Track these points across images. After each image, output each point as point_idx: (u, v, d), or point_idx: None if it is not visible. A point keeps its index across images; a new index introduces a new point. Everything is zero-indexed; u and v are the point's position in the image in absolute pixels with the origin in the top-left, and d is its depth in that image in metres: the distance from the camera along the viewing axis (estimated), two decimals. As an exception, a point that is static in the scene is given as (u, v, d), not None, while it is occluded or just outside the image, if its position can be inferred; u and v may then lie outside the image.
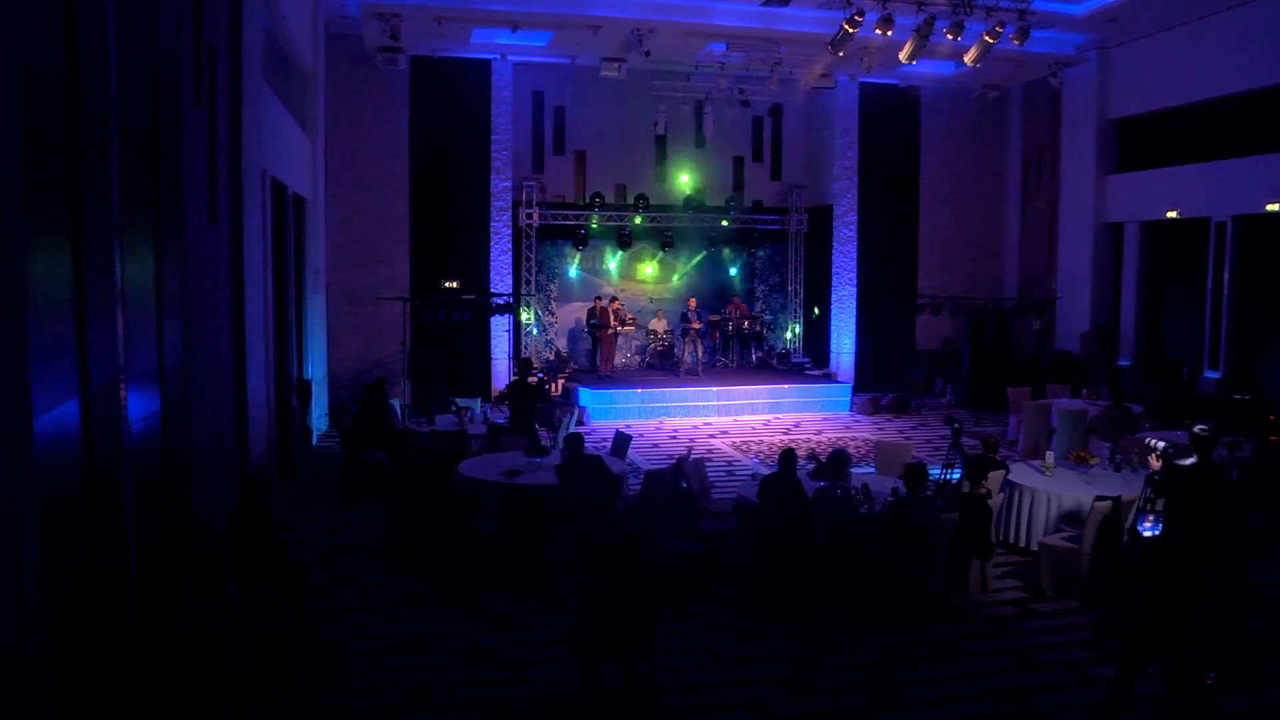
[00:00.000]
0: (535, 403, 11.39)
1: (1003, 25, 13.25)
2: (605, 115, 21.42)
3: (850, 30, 12.70)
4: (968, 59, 14.11)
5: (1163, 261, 18.82)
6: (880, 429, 17.09)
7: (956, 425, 10.20)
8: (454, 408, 12.77)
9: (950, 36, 13.05)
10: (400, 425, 12.75)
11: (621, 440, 11.11)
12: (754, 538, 8.24)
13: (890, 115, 21.64)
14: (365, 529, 10.37)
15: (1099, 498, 8.60)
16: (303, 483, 12.41)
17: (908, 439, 16.14)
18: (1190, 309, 18.04)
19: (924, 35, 12.98)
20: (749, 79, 19.34)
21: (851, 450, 15.05)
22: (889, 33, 12.64)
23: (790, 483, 8.16)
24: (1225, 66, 16.62)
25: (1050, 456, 10.01)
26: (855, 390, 20.35)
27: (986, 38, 13.40)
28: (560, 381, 20.04)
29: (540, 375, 11.39)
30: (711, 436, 16.34)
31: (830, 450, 8.39)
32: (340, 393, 18.76)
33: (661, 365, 21.04)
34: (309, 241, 15.45)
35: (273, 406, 10.43)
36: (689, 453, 10.25)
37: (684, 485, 9.71)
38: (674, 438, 16.15)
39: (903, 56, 13.55)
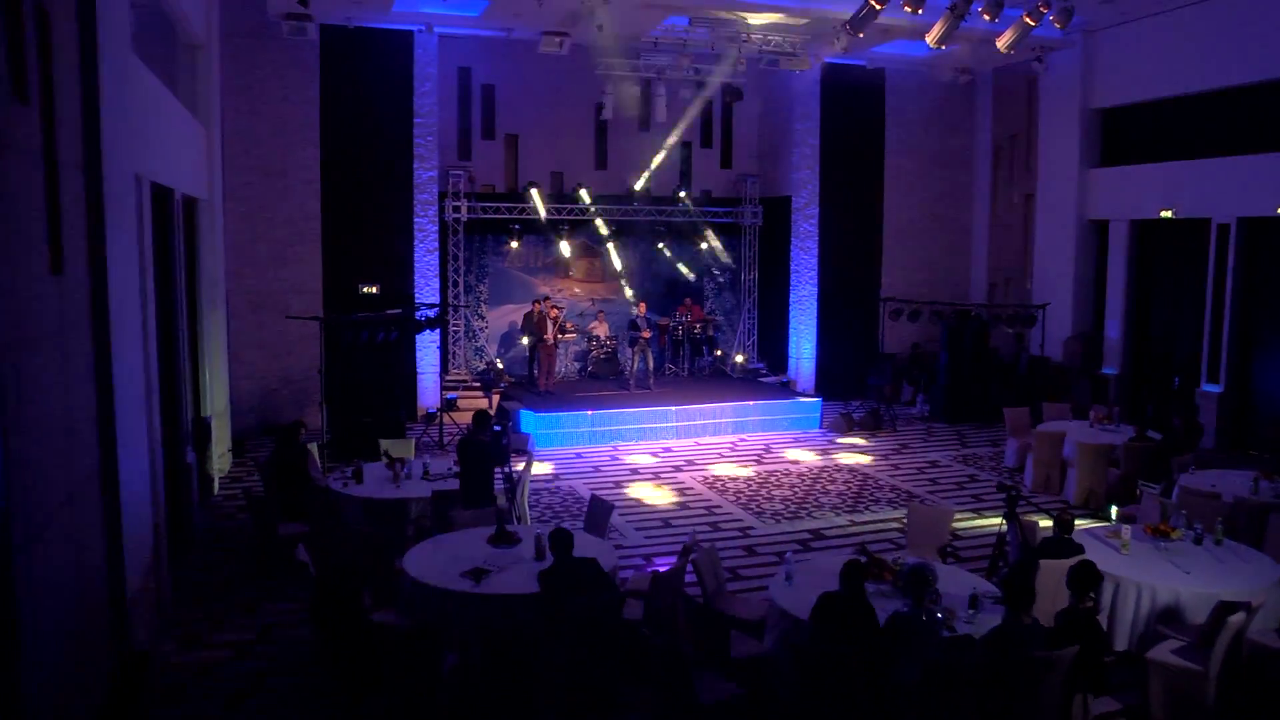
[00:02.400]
0: (494, 467, 9.21)
1: (1047, 5, 11.44)
2: (540, 95, 19.19)
3: (877, 7, 10.74)
4: (1001, 43, 12.30)
5: (1154, 263, 17.43)
6: (863, 453, 15.31)
7: (1012, 491, 8.40)
8: (385, 458, 10.50)
9: (987, 17, 11.19)
10: (321, 480, 10.44)
11: (600, 510, 9.03)
12: (812, 677, 6.28)
13: (854, 99, 19.83)
14: (287, 640, 8.11)
15: (1224, 605, 6.88)
16: (202, 560, 10.02)
17: (896, 467, 14.41)
18: (1184, 316, 16.70)
19: (959, 15, 11.11)
20: (704, 58, 17.33)
21: (838, 485, 13.27)
22: (920, 11, 10.72)
23: (859, 609, 6.22)
24: (1228, 55, 15.16)
25: (1126, 531, 8.28)
26: (816, 397, 18.63)
27: (1027, 19, 11.61)
28: (495, 398, 17.84)
29: (497, 429, 9.17)
30: (677, 469, 14.36)
31: (908, 569, 6.51)
32: (244, 416, 16.28)
33: (604, 375, 18.97)
34: (204, 249, 12.95)
35: (160, 483, 8.06)
36: (694, 539, 8.24)
37: (687, 586, 7.71)
38: (636, 474, 14.10)
39: (931, 39, 11.66)
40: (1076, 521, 9.37)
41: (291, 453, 9.92)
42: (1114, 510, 11.68)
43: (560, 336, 17.77)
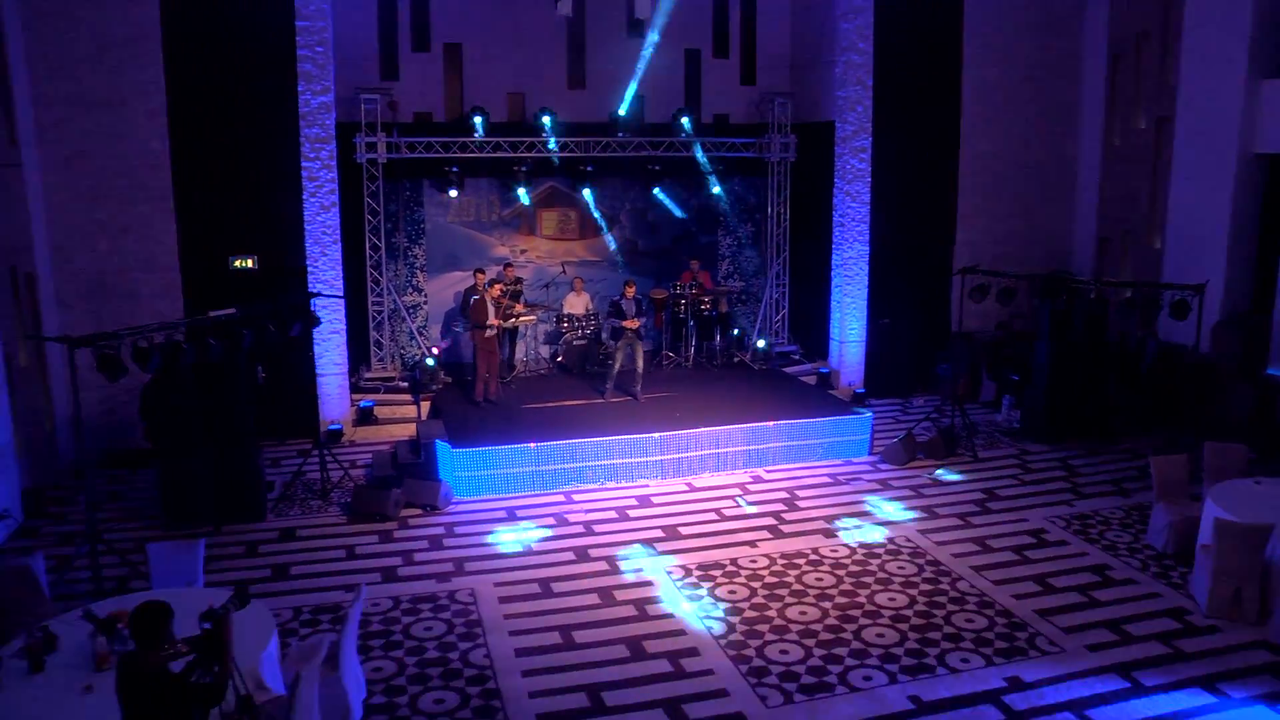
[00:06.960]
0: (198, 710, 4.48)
1: None
2: (492, -11, 14.21)
3: None
4: None
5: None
6: (927, 510, 10.40)
7: None
8: (89, 618, 5.87)
9: None
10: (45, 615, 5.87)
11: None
12: None
13: (920, -12, 14.50)
14: None
15: None
16: None
17: (980, 545, 9.43)
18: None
19: None
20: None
21: (893, 590, 8.47)
22: None
23: None
24: None
25: None
26: (865, 402, 13.81)
27: None
28: (424, 405, 13.20)
29: (205, 626, 4.36)
30: (647, 543, 9.61)
31: None
32: (97, 439, 11.98)
33: (581, 369, 14.24)
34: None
35: None
36: None
37: None
38: (583, 559, 9.37)
39: None
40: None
41: None
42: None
43: (502, 324, 12.95)
